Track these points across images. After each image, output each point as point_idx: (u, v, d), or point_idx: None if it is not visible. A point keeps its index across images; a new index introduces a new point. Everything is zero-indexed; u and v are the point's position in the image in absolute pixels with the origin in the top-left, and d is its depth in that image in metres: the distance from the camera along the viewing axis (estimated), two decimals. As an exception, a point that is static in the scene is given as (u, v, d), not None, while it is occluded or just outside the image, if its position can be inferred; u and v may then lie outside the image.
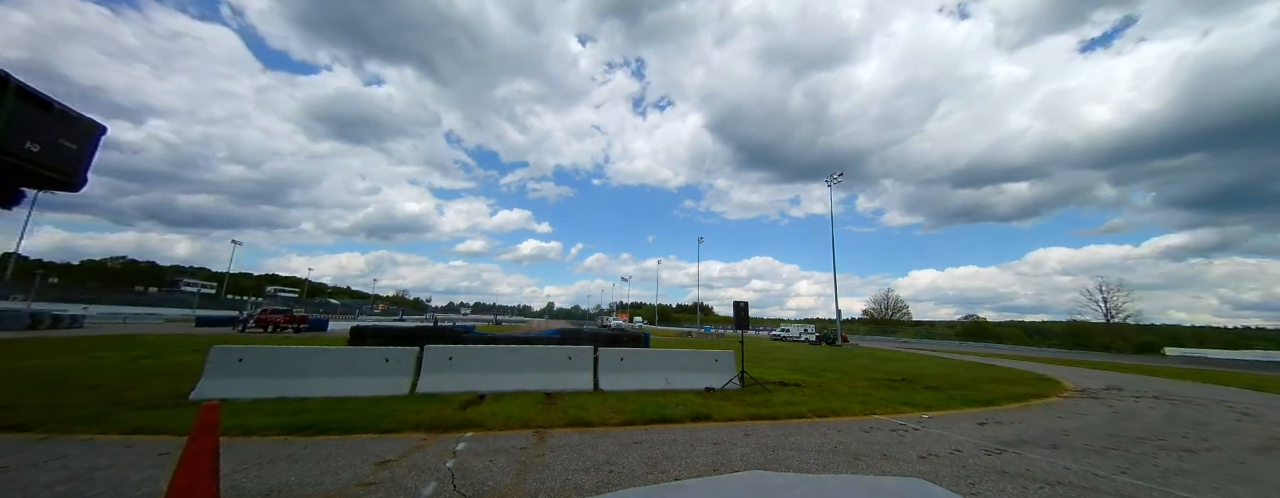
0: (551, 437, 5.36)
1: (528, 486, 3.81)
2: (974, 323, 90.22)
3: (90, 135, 3.30)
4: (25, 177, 3.04)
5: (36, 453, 4.23)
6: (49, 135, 2.96)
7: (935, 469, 4.63)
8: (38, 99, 2.91)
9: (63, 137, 3.06)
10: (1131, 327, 63.04)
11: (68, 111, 3.10)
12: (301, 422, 5.42)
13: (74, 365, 10.06)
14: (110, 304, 57.56)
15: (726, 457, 4.80)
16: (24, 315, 25.20)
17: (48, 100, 2.96)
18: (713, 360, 9.84)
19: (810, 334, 48.96)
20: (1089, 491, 4.20)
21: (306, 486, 3.65)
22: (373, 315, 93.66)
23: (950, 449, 5.42)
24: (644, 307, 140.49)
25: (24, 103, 2.80)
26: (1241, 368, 28.64)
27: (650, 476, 4.19)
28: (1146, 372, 20.44)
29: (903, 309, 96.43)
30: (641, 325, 79.84)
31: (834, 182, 52.45)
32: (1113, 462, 5.21)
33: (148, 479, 3.65)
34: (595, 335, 13.50)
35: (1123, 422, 7.78)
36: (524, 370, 8.42)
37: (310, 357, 7.60)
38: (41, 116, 2.94)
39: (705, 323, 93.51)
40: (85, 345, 15.10)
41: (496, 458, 4.50)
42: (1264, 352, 48.94)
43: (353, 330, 11.07)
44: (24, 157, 2.84)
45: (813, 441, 5.61)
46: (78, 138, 3.18)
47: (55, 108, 3.00)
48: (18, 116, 2.75)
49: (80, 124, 3.21)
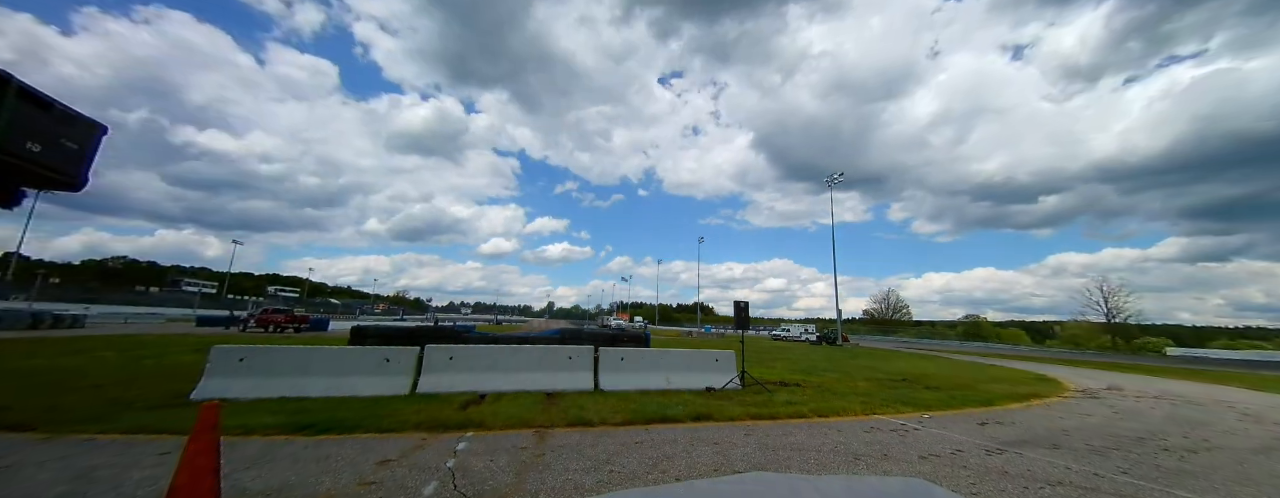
0: (552, 437, 5.36)
1: (528, 485, 3.81)
2: (975, 323, 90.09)
3: (91, 135, 3.30)
4: (26, 177, 3.03)
5: (38, 452, 4.24)
6: (50, 135, 2.96)
7: (936, 470, 4.63)
8: (39, 99, 2.90)
9: (64, 137, 3.05)
10: (1133, 327, 63.01)
11: (68, 112, 3.09)
12: (302, 421, 5.42)
13: (75, 365, 10.07)
14: (111, 304, 57.58)
15: (727, 457, 4.80)
16: (25, 315, 25.21)
17: (49, 101, 2.96)
18: (713, 360, 9.84)
19: (810, 334, 48.94)
20: (1090, 491, 4.20)
21: (307, 485, 3.66)
22: (373, 315, 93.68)
23: (951, 449, 5.42)
24: (645, 307, 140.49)
25: (25, 103, 2.79)
26: (1242, 368, 28.60)
27: (651, 475, 4.19)
28: (1147, 372, 20.42)
29: (903, 309, 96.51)
30: (642, 325, 79.81)
31: (834, 182, 52.50)
32: (1114, 462, 5.20)
33: (149, 479, 3.65)
34: (596, 335, 13.47)
35: (1124, 422, 7.77)
36: (524, 370, 8.42)
37: (311, 356, 7.60)
38: (42, 117, 2.93)
39: (706, 323, 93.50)
40: (86, 345, 15.11)
41: (497, 458, 4.50)
42: (1265, 352, 48.87)
43: (353, 330, 11.05)
44: (25, 157, 2.84)
45: (813, 441, 5.61)
46: (78, 138, 3.17)
47: (56, 108, 3.00)
48: (19, 117, 2.75)
49: (81, 124, 3.20)
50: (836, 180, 52.41)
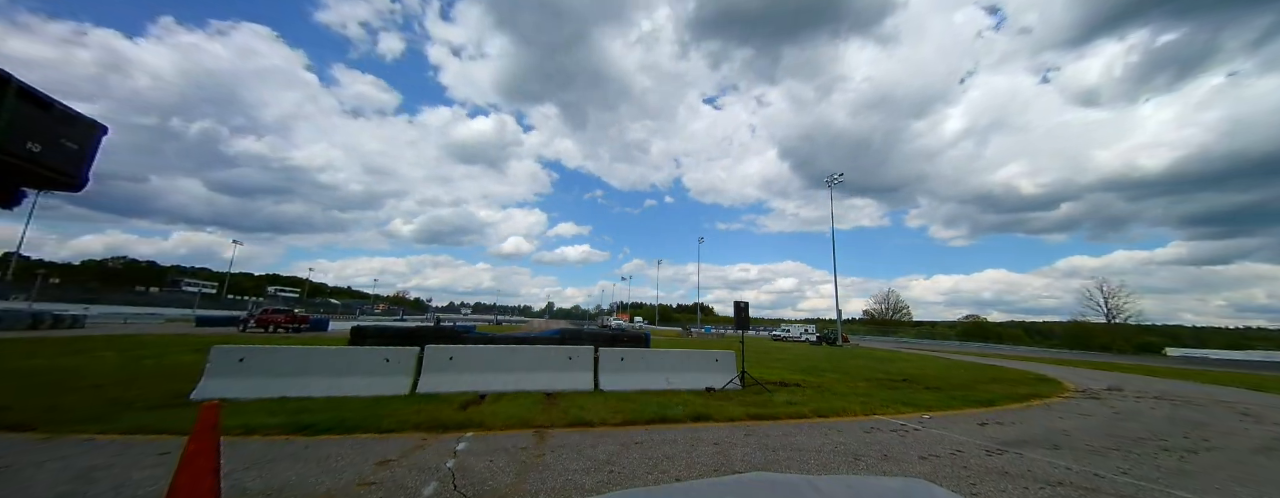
0: (552, 437, 5.36)
1: (528, 485, 3.81)
2: (975, 323, 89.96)
3: (91, 135, 3.29)
4: (26, 177, 3.03)
5: (38, 452, 4.24)
6: (50, 135, 2.95)
7: (936, 470, 4.63)
8: (39, 99, 2.90)
9: (64, 137, 3.05)
10: (1132, 327, 63.02)
11: (69, 112, 3.09)
12: (302, 421, 5.42)
13: (75, 365, 10.07)
14: (111, 304, 57.58)
15: (727, 457, 4.80)
16: (25, 315, 25.22)
17: (49, 100, 2.95)
18: (713, 361, 9.84)
19: (810, 334, 48.95)
20: (1090, 491, 4.19)
21: (307, 485, 3.65)
22: (373, 315, 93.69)
23: (951, 450, 5.42)
24: (644, 307, 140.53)
25: (25, 103, 2.79)
26: (1243, 368, 28.60)
27: (651, 476, 4.19)
28: (1147, 372, 20.42)
29: (903, 309, 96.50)
30: (642, 326, 79.82)
31: (833, 182, 52.54)
32: (1114, 462, 5.20)
33: (149, 479, 3.65)
34: (595, 336, 13.48)
35: (1124, 422, 7.77)
36: (524, 370, 8.42)
37: (311, 357, 7.60)
38: (42, 117, 2.93)
39: (705, 323, 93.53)
40: (86, 345, 15.11)
41: (497, 458, 4.49)
42: (1265, 352, 48.87)
43: (353, 330, 11.05)
44: (25, 157, 2.84)
45: (813, 441, 5.61)
46: (79, 138, 3.17)
47: (56, 108, 2.99)
48: (19, 117, 2.75)
49: (81, 124, 3.20)
50: (836, 181, 52.48)
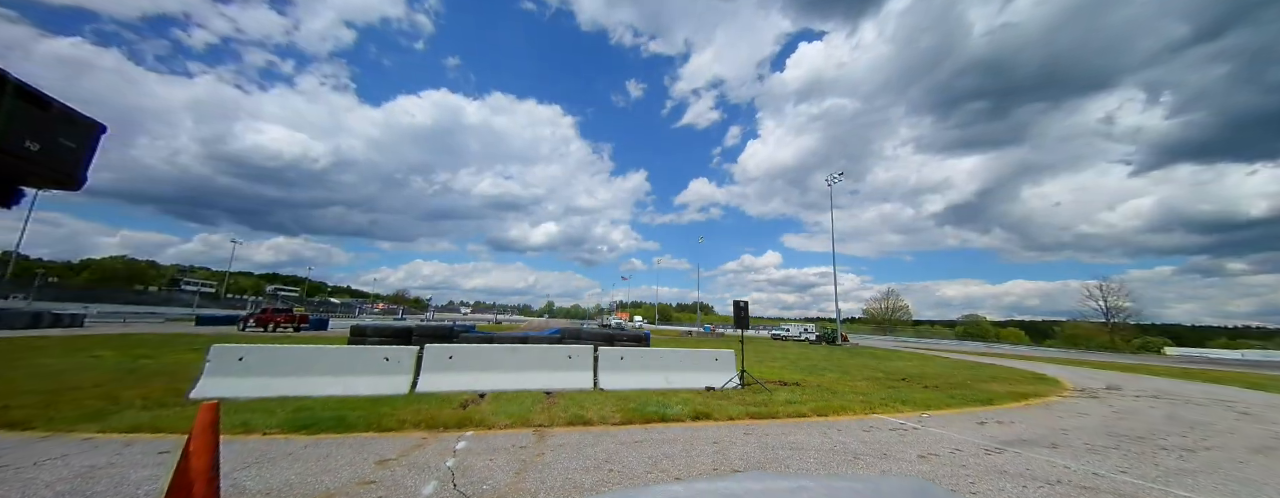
0: (551, 436, 5.36)
1: (528, 484, 3.81)
2: (973, 323, 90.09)
3: (90, 134, 3.28)
4: (25, 176, 3.02)
5: (37, 451, 4.24)
6: (49, 134, 2.94)
7: (935, 469, 4.63)
8: (37, 98, 2.89)
9: (63, 136, 3.04)
10: (1131, 326, 63.10)
11: (68, 110, 3.08)
12: (301, 421, 5.42)
13: (74, 364, 10.07)
14: (111, 303, 57.54)
15: (726, 456, 4.80)
16: (25, 314, 25.20)
17: (47, 99, 2.95)
18: (713, 360, 9.84)
19: (810, 334, 48.94)
20: (1089, 490, 4.20)
21: (307, 484, 3.66)
22: (373, 314, 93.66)
23: (950, 449, 5.42)
24: (644, 306, 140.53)
25: (23, 102, 2.78)
26: (1242, 368, 28.63)
27: (650, 474, 4.19)
28: (1146, 371, 20.43)
29: (903, 309, 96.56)
30: (642, 325, 79.81)
31: (833, 181, 52.59)
32: (1113, 461, 5.21)
33: (148, 478, 3.65)
34: (595, 335, 13.50)
35: (1123, 421, 7.78)
36: (524, 369, 8.42)
37: (310, 356, 7.60)
38: (41, 115, 2.92)
39: (705, 322, 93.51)
40: (86, 344, 15.10)
41: (496, 457, 4.50)
42: (1264, 352, 48.94)
43: (353, 329, 11.07)
44: (24, 156, 2.83)
45: (813, 440, 5.61)
46: (78, 137, 3.16)
47: (55, 107, 2.99)
48: (17, 116, 2.73)
49: (80, 123, 3.19)
50: (837, 180, 52.51)
